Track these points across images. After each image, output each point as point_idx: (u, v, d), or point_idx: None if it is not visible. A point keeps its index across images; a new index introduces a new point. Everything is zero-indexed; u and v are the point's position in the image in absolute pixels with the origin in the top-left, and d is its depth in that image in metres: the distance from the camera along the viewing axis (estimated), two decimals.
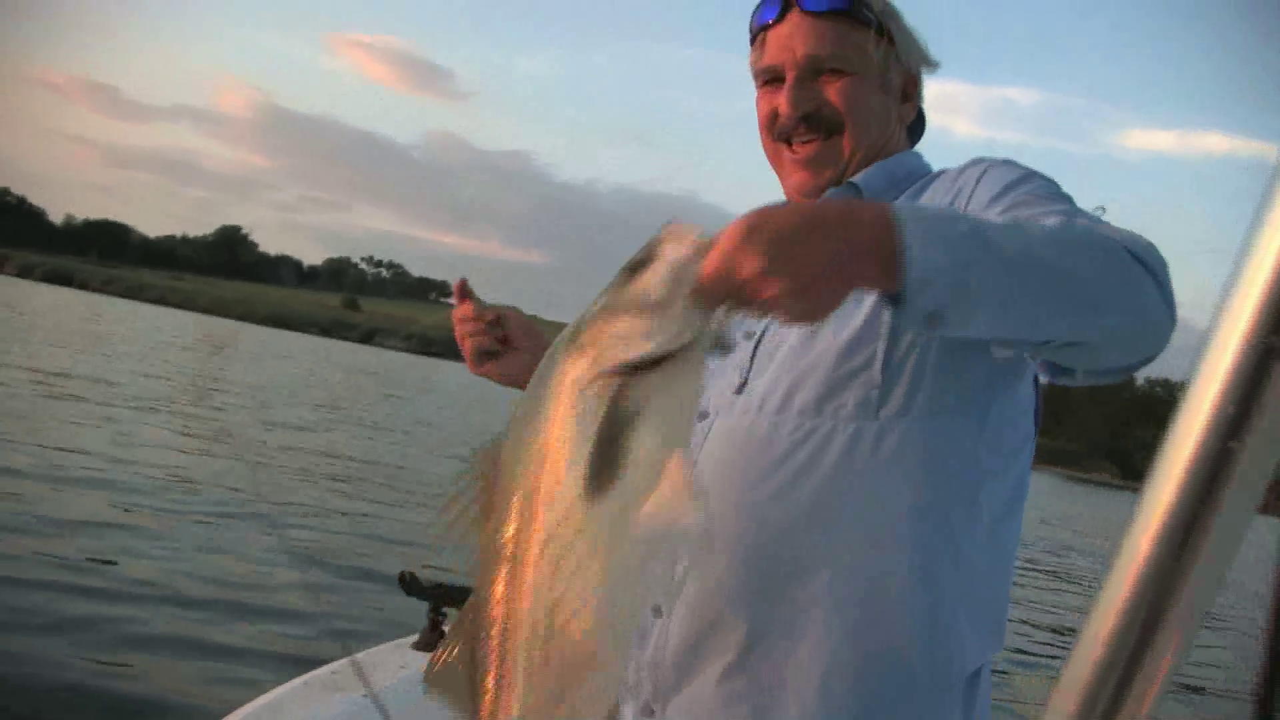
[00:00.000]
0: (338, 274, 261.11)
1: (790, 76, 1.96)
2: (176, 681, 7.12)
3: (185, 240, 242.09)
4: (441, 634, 4.15)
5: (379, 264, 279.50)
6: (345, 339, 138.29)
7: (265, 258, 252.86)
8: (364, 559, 11.03)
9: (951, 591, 1.73)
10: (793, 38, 1.95)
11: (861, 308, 1.74)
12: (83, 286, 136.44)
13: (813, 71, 1.95)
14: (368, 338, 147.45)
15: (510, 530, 1.23)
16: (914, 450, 1.73)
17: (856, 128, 1.96)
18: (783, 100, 1.97)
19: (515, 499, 1.23)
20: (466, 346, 2.20)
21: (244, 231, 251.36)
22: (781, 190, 2.09)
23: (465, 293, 2.21)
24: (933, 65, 2.09)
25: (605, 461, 1.19)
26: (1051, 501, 63.15)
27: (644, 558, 1.20)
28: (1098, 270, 1.36)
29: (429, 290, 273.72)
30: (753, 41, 2.06)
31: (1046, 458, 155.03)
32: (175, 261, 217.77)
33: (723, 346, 1.23)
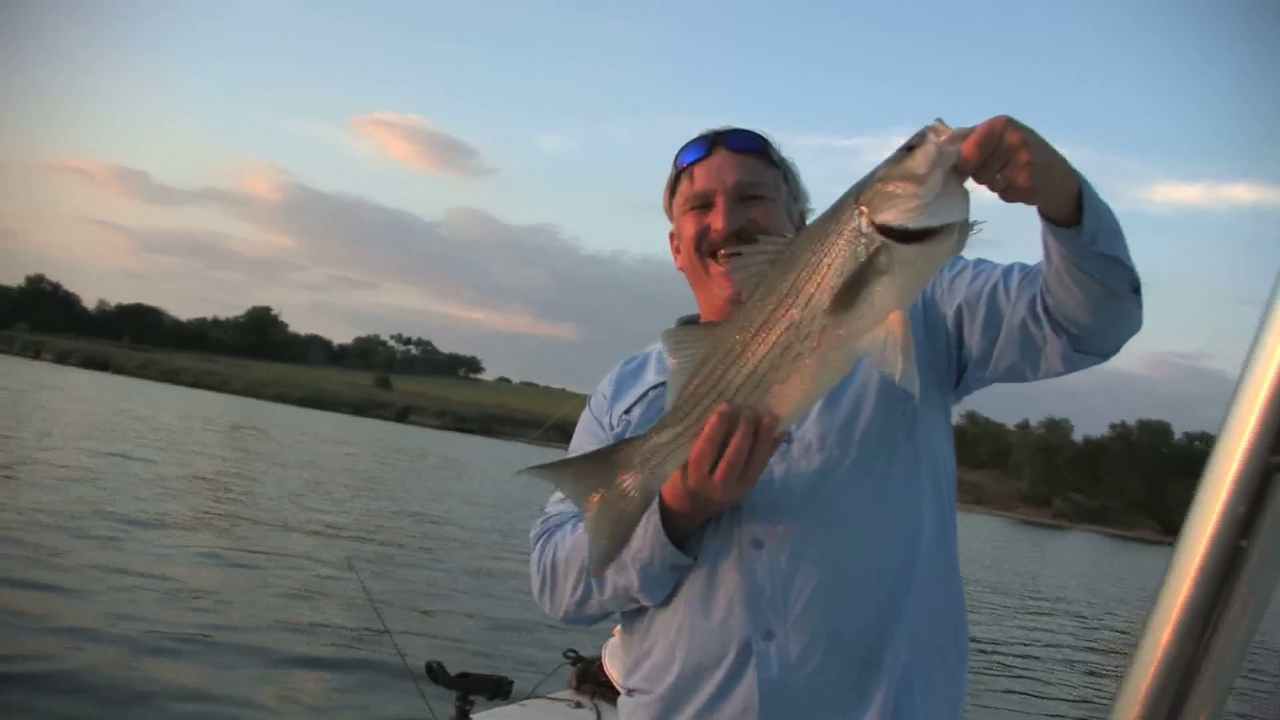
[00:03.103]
0: (367, 353, 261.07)
1: (721, 200, 2.27)
2: None
3: (216, 323, 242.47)
4: None
5: (408, 341, 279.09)
6: (380, 418, 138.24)
7: (295, 338, 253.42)
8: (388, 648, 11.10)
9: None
10: (721, 169, 2.29)
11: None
12: (118, 371, 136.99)
13: (740, 196, 2.26)
14: (402, 416, 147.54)
15: (772, 304, 1.68)
16: (937, 464, 2.18)
17: None
18: (716, 217, 2.26)
19: (783, 287, 1.68)
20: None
21: (274, 312, 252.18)
22: (698, 305, 2.41)
23: None
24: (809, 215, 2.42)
25: (850, 293, 1.62)
26: (1095, 560, 62.61)
27: (842, 371, 1.74)
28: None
29: (458, 366, 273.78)
30: (675, 181, 2.38)
31: (1087, 516, 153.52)
32: (207, 344, 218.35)
33: (963, 240, 1.63)
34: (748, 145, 2.31)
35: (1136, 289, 1.83)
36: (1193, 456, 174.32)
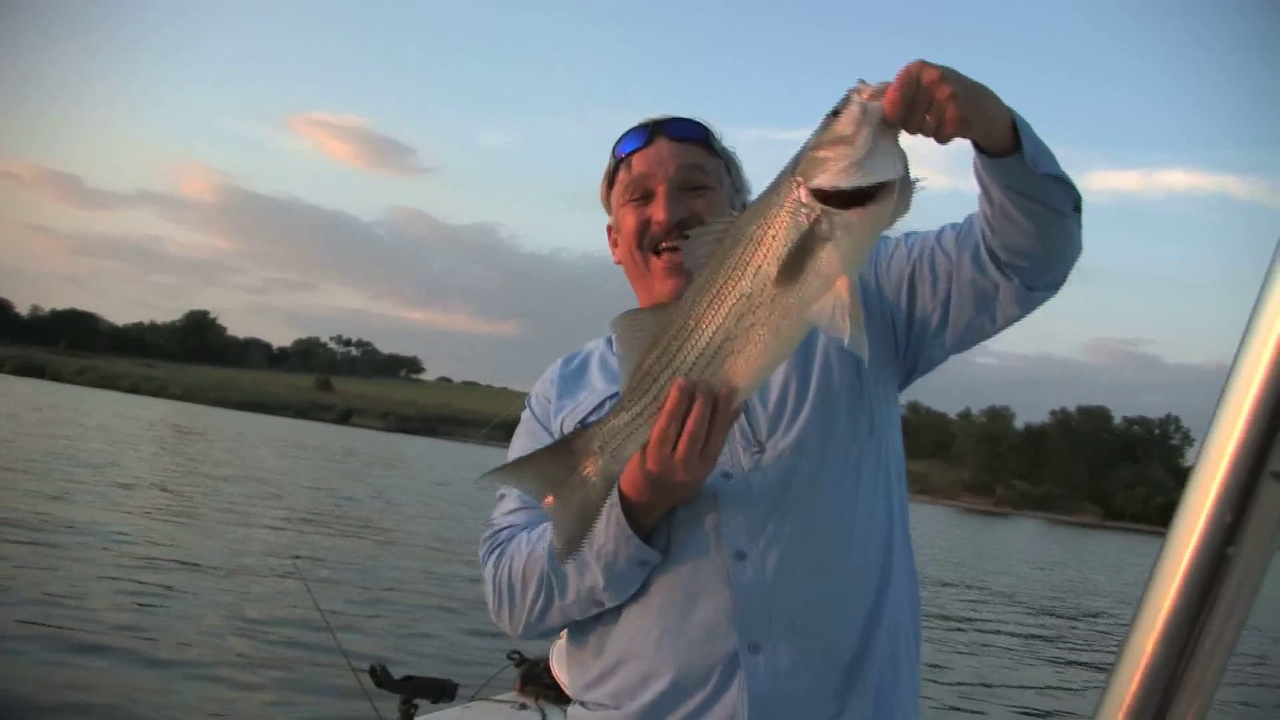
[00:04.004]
0: (307, 354, 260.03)
1: (662, 189, 2.19)
2: None
3: (154, 327, 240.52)
4: None
5: (348, 343, 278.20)
6: (322, 420, 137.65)
7: (234, 341, 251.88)
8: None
9: None
10: (662, 158, 2.21)
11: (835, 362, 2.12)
12: (55, 377, 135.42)
13: (682, 184, 2.19)
14: (344, 418, 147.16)
15: (721, 278, 1.66)
16: (893, 455, 2.17)
17: None
18: (658, 208, 2.18)
19: (731, 261, 1.66)
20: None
21: (212, 316, 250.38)
22: (639, 301, 2.32)
23: None
24: None
25: (796, 262, 1.61)
26: (1040, 546, 63.43)
27: (795, 340, 1.71)
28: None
29: (399, 367, 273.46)
30: (613, 172, 2.29)
31: (1031, 503, 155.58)
32: (145, 349, 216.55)
33: (905, 200, 1.59)
34: (689, 134, 2.25)
35: (1078, 206, 1.85)
36: (1132, 441, 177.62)
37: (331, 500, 27.63)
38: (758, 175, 2.29)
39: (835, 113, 1.61)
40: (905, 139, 1.64)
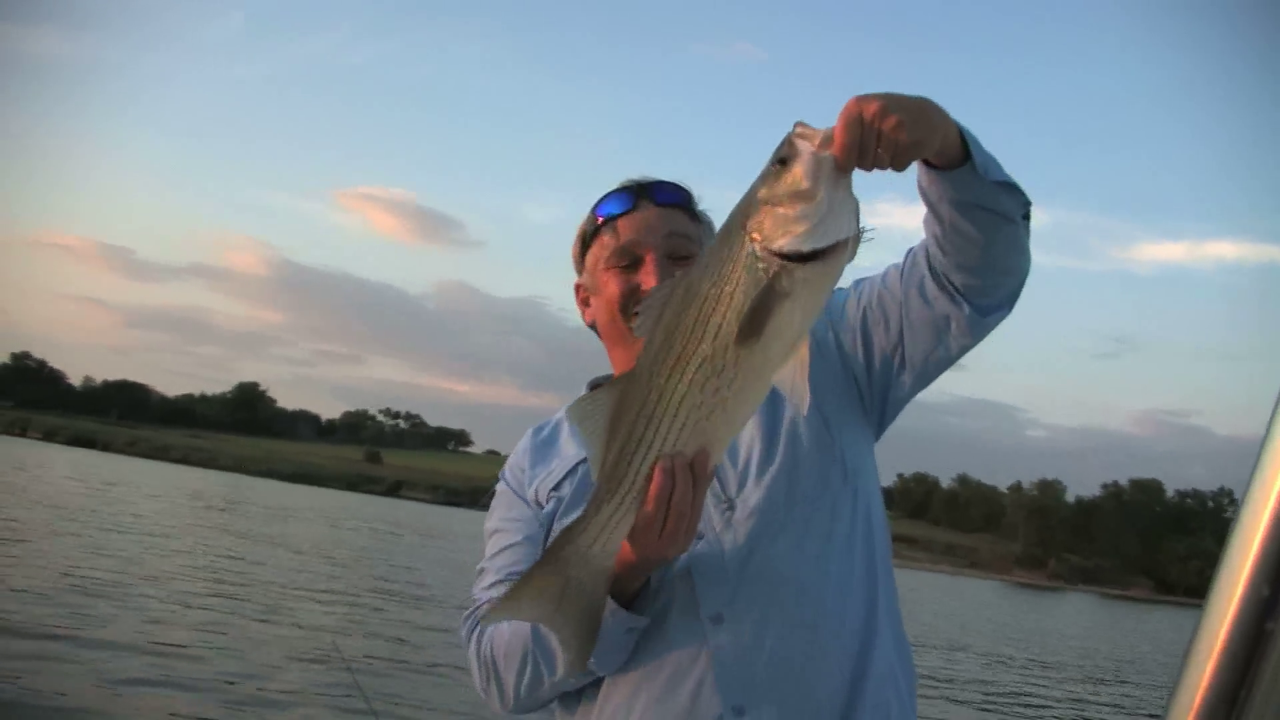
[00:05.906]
0: (356, 427, 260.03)
1: (651, 257, 2.18)
2: None
3: (204, 398, 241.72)
4: None
5: (396, 415, 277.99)
6: (371, 493, 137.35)
7: (283, 413, 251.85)
8: None
9: None
10: (651, 224, 2.20)
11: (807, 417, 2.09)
12: (106, 448, 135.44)
13: (670, 253, 2.18)
14: (393, 490, 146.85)
15: (679, 343, 1.61)
16: (871, 503, 2.14)
17: None
18: (648, 276, 2.16)
19: (687, 323, 1.61)
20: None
21: (262, 388, 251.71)
22: (612, 365, 2.35)
23: None
24: None
25: (757, 320, 1.57)
26: (1092, 622, 62.41)
27: (760, 399, 1.69)
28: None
29: (448, 439, 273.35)
30: (593, 233, 2.29)
31: (1082, 577, 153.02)
32: (194, 420, 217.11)
33: (855, 247, 1.58)
34: (674, 199, 2.26)
35: (1028, 214, 1.87)
36: (1184, 514, 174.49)
37: (382, 575, 27.55)
38: None
39: (783, 161, 1.59)
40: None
